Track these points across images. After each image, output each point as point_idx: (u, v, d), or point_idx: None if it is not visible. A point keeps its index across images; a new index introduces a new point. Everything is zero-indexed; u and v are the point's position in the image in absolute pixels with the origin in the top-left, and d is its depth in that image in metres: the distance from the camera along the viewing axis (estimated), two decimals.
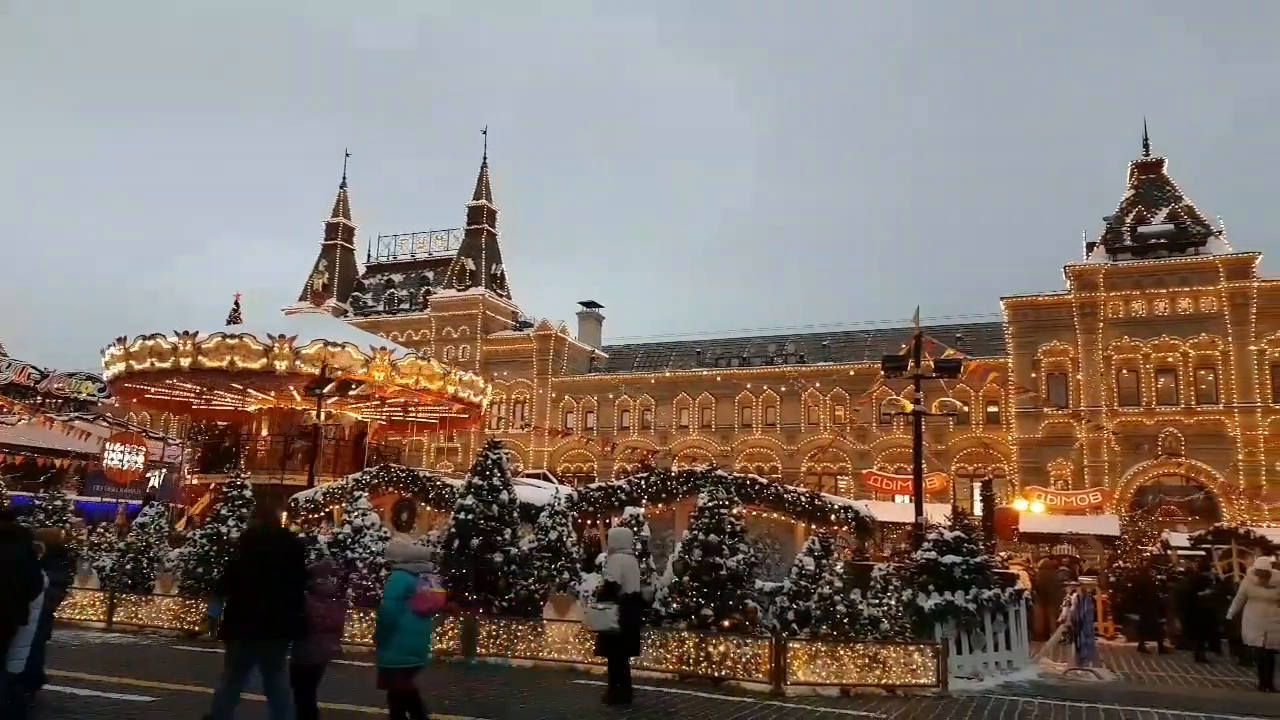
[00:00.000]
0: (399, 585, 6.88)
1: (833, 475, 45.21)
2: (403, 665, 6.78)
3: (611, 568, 9.93)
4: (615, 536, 10.47)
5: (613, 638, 9.51)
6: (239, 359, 24.26)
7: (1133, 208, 42.43)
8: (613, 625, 9.42)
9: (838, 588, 11.83)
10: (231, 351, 24.31)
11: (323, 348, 24.30)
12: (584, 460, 50.70)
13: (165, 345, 25.04)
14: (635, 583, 10.00)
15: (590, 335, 59.03)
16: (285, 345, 24.16)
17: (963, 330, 45.54)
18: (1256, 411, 37.49)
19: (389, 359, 25.61)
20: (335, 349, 24.45)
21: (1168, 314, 39.66)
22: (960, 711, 10.13)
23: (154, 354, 25.29)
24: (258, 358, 24.22)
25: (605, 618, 9.46)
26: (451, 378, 28.23)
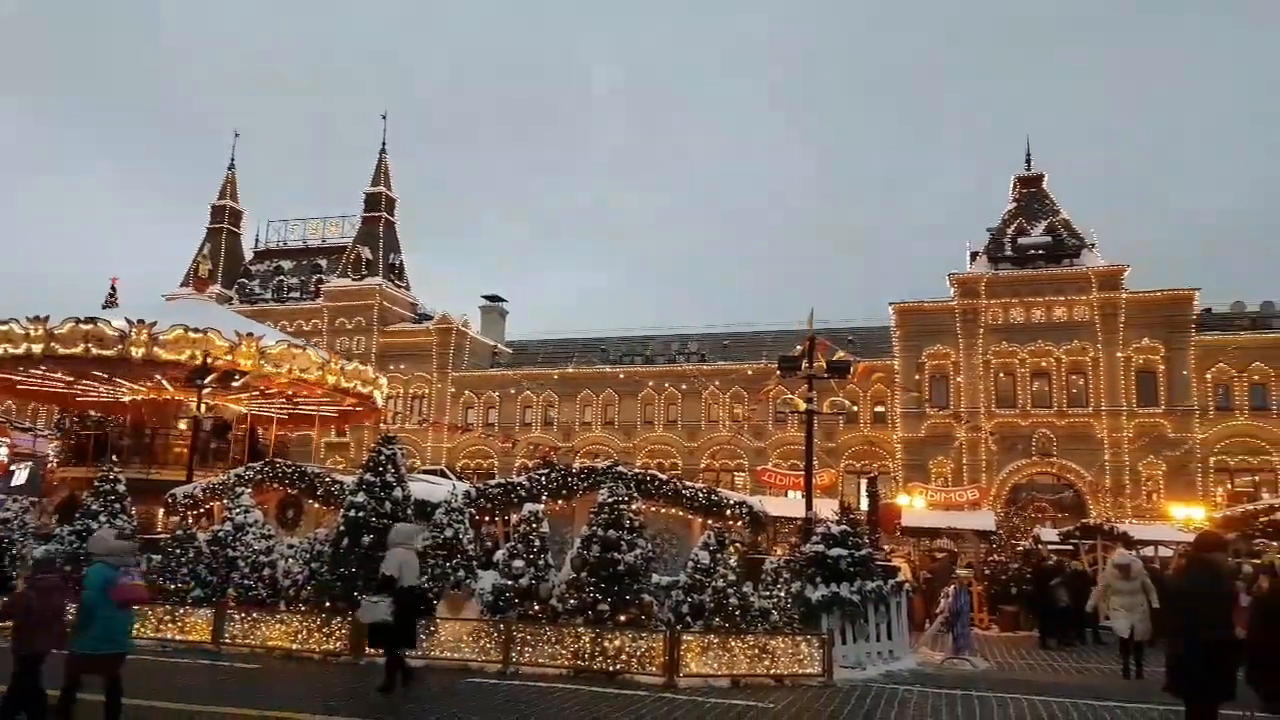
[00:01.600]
0: (99, 578, 7.44)
1: (730, 471, 46.07)
2: (99, 652, 7.30)
3: (389, 562, 10.26)
4: (397, 532, 10.83)
5: (384, 629, 9.91)
6: (94, 346, 22.96)
7: (1014, 220, 44.67)
8: (384, 618, 9.83)
9: (731, 580, 12.11)
10: (86, 339, 22.99)
11: (183, 334, 23.18)
12: (484, 456, 50.18)
13: (18, 331, 23.55)
14: (413, 577, 10.37)
15: (493, 330, 58.39)
16: (143, 331, 22.95)
17: (854, 333, 47.02)
18: (1122, 415, 40.02)
19: (256, 346, 24.45)
20: (196, 335, 23.32)
21: (1043, 321, 41.92)
22: (844, 700, 10.52)
23: (6, 340, 23.74)
24: (113, 344, 22.94)
25: (376, 610, 9.89)
26: (331, 367, 26.89)
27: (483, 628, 11.76)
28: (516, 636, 11.34)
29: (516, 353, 56.40)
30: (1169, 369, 39.87)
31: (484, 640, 11.62)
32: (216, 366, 23.20)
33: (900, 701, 10.67)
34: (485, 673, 11.27)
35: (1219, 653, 6.64)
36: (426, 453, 50.02)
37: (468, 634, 11.77)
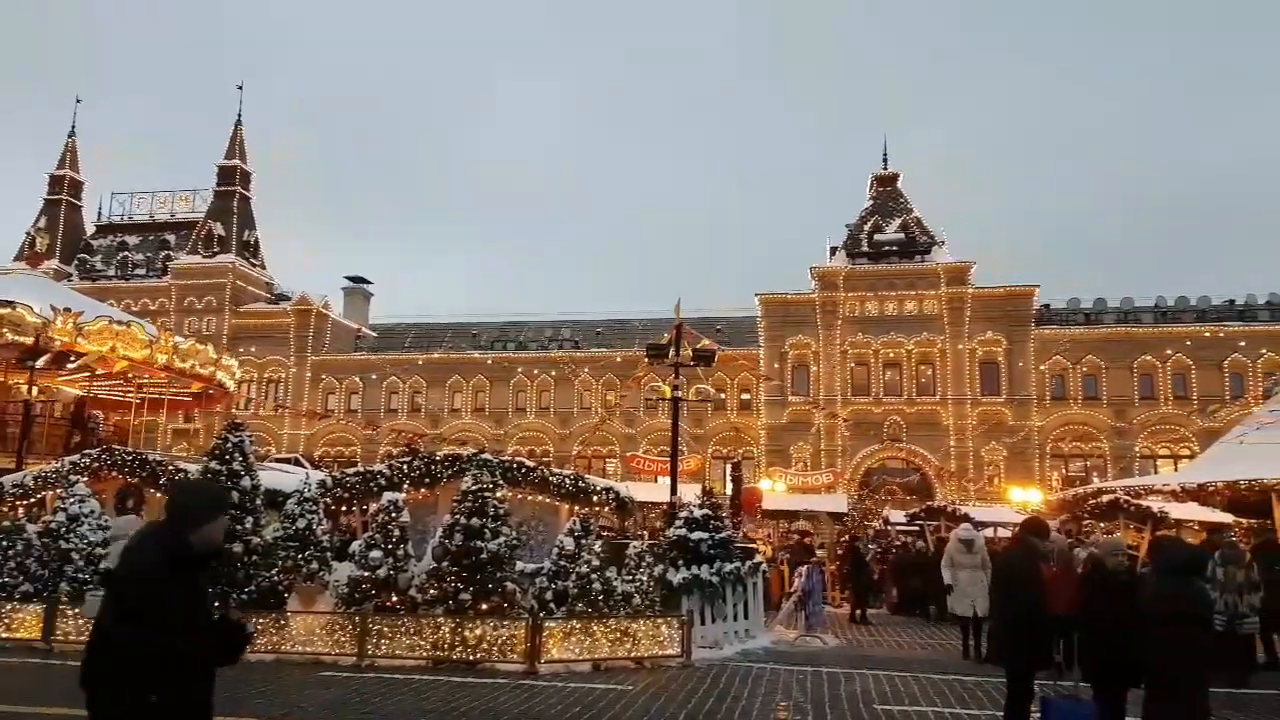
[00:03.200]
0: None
1: (602, 458, 46.34)
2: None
3: (112, 556, 10.15)
4: (119, 526, 10.55)
5: None
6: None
7: (871, 217, 46.68)
8: None
9: (595, 566, 12.18)
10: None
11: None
12: (346, 444, 48.55)
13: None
14: None
15: (357, 312, 56.43)
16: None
17: (723, 322, 48.12)
18: (966, 403, 42.56)
19: (73, 322, 22.49)
20: (2, 309, 21.35)
21: (896, 314, 44.05)
22: (700, 679, 10.81)
23: None
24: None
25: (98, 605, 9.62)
26: (161, 345, 24.77)
27: (337, 620, 11.43)
28: (373, 629, 11.07)
29: (382, 337, 54.73)
30: (1010, 361, 42.65)
31: (338, 633, 11.30)
32: (36, 346, 21.32)
33: (754, 678, 11.05)
34: (339, 666, 10.98)
35: (1031, 626, 7.18)
36: (284, 440, 47.96)
37: (321, 627, 11.42)
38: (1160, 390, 41.57)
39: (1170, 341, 41.76)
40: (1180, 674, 6.27)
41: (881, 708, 9.54)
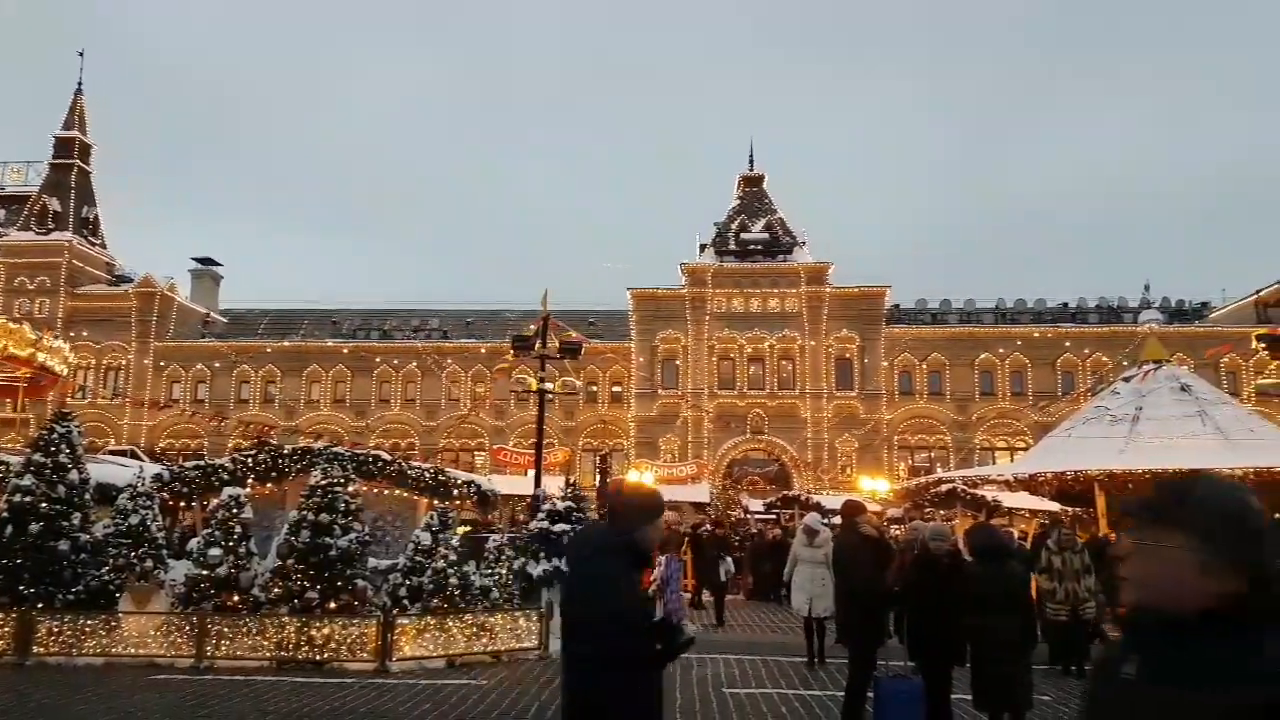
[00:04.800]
0: None
1: (470, 451, 45.66)
2: None
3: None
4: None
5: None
6: None
7: (738, 216, 47.88)
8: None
9: (452, 561, 12.03)
10: None
11: None
12: (192, 436, 45.89)
13: None
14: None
15: (205, 296, 53.36)
16: None
17: (596, 316, 48.29)
18: (823, 397, 44.30)
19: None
20: None
21: (760, 311, 45.38)
22: (557, 670, 10.78)
23: None
24: None
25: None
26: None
27: (173, 621, 10.85)
28: (212, 629, 10.57)
29: (233, 322, 52.00)
30: (862, 357, 44.67)
31: (175, 634, 10.73)
32: None
33: None
34: (176, 668, 10.44)
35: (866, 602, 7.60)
36: (124, 431, 44.98)
37: (156, 628, 10.81)
38: (999, 386, 44.52)
39: (1008, 341, 44.76)
40: (998, 653, 6.78)
41: (729, 691, 9.86)
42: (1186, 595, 1.50)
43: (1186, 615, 1.51)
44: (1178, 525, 1.56)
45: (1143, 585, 1.58)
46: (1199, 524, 1.54)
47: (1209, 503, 1.57)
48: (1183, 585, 1.52)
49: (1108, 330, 44.73)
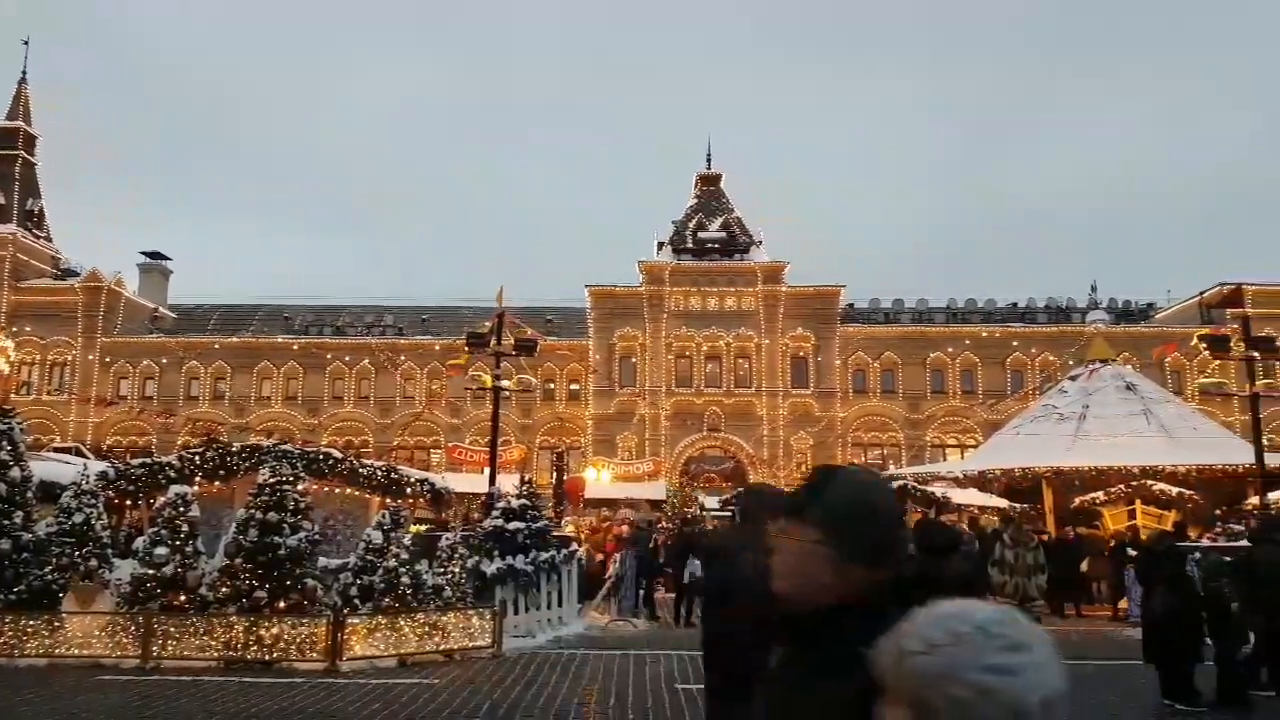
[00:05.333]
0: None
1: (426, 449, 45.26)
2: None
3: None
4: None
5: None
6: None
7: (695, 215, 48.10)
8: None
9: (404, 560, 11.99)
10: None
11: None
12: (140, 433, 44.87)
13: None
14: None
15: (154, 291, 52.09)
16: None
17: (554, 313, 48.18)
18: (779, 395, 44.70)
19: None
20: None
21: (717, 310, 45.63)
22: (509, 669, 10.90)
23: None
24: None
25: None
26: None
27: (118, 621, 10.68)
28: (158, 629, 10.42)
29: (182, 318, 50.91)
30: (817, 356, 45.17)
31: (120, 634, 10.57)
32: None
33: (563, 665, 11.26)
34: (121, 669, 10.30)
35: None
36: (69, 429, 43.84)
37: (100, 628, 10.64)
38: (950, 385, 45.29)
39: (959, 340, 45.55)
40: None
41: (682, 687, 9.97)
42: (819, 587, 1.54)
43: (820, 607, 1.55)
44: (811, 520, 1.61)
45: (784, 577, 1.63)
46: (828, 519, 1.59)
47: (839, 498, 1.62)
48: (815, 578, 1.57)
49: (1056, 330, 45.76)
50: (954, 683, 1.12)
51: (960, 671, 1.12)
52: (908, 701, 1.17)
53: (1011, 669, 1.11)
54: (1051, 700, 1.11)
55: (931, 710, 1.13)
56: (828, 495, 1.64)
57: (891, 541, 1.64)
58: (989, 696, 1.10)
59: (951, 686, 1.12)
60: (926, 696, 1.14)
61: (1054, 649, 1.18)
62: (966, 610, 1.19)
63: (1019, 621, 1.19)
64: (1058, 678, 1.14)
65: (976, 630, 1.15)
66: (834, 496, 1.63)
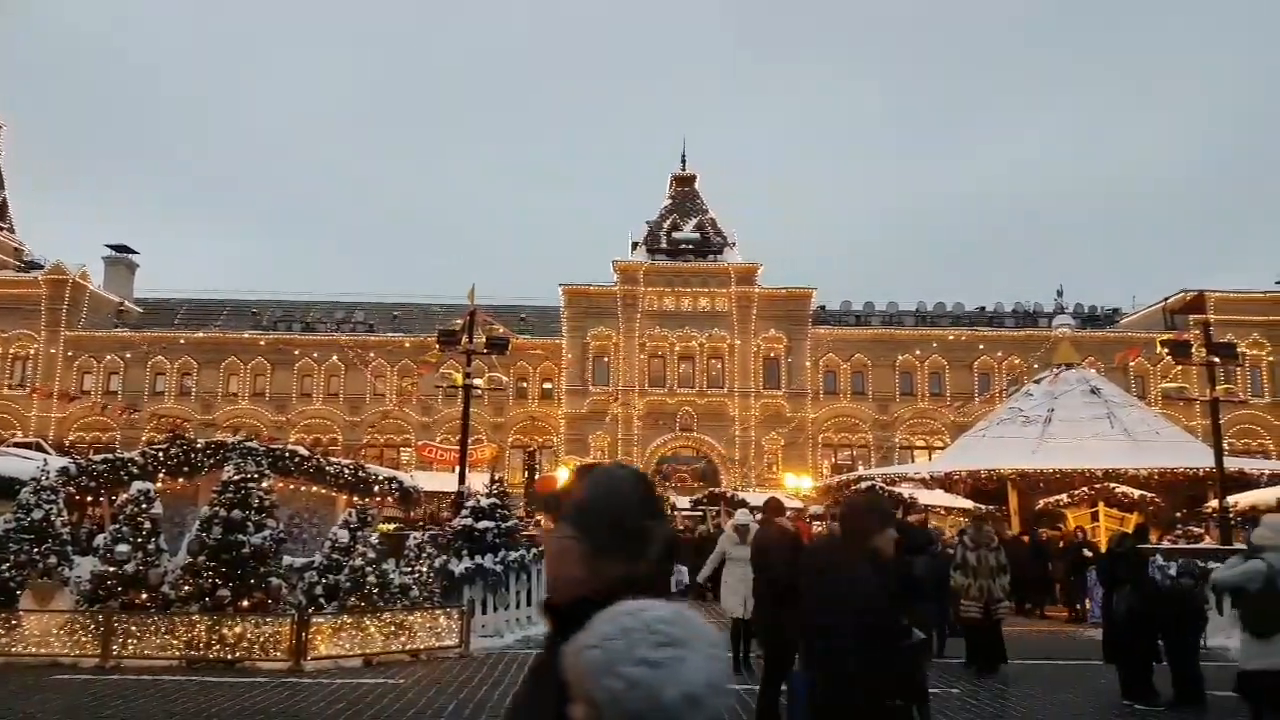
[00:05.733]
0: None
1: (395, 447, 44.93)
2: None
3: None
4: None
5: None
6: None
7: (670, 215, 48.16)
8: None
9: (370, 559, 11.88)
10: None
11: None
12: (104, 429, 44.16)
13: None
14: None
15: (120, 284, 51.27)
16: None
17: (528, 311, 48.04)
18: (751, 395, 44.87)
19: None
20: None
21: (691, 310, 45.72)
22: (476, 669, 10.84)
23: None
24: None
25: None
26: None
27: (77, 619, 10.50)
28: (118, 627, 10.26)
29: (149, 312, 50.15)
30: (789, 357, 45.40)
31: (79, 633, 10.39)
32: None
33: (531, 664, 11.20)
34: (80, 668, 10.13)
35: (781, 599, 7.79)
36: (31, 424, 43.04)
37: (59, 627, 10.45)
38: (918, 387, 45.72)
39: (928, 343, 45.99)
40: None
41: None
42: (573, 581, 1.58)
43: (575, 599, 1.57)
44: (565, 516, 1.66)
45: (549, 572, 1.69)
46: (579, 514, 1.64)
47: (592, 495, 1.67)
48: (569, 571, 1.61)
49: (1023, 334, 46.34)
50: (610, 675, 1.16)
51: (615, 665, 1.16)
52: (582, 696, 1.21)
53: (659, 663, 1.16)
54: (696, 695, 1.15)
55: (594, 703, 1.18)
56: (579, 491, 1.70)
57: (643, 535, 1.67)
58: (636, 689, 1.14)
59: (607, 679, 1.16)
60: (589, 689, 1.18)
61: (718, 650, 1.22)
62: (641, 608, 1.24)
63: (687, 621, 1.23)
64: (709, 675, 1.18)
65: (641, 627, 1.20)
66: (584, 492, 1.69)
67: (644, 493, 1.72)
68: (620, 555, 1.61)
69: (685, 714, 1.14)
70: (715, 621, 17.46)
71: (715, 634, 1.25)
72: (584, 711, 1.21)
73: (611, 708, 1.16)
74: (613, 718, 1.15)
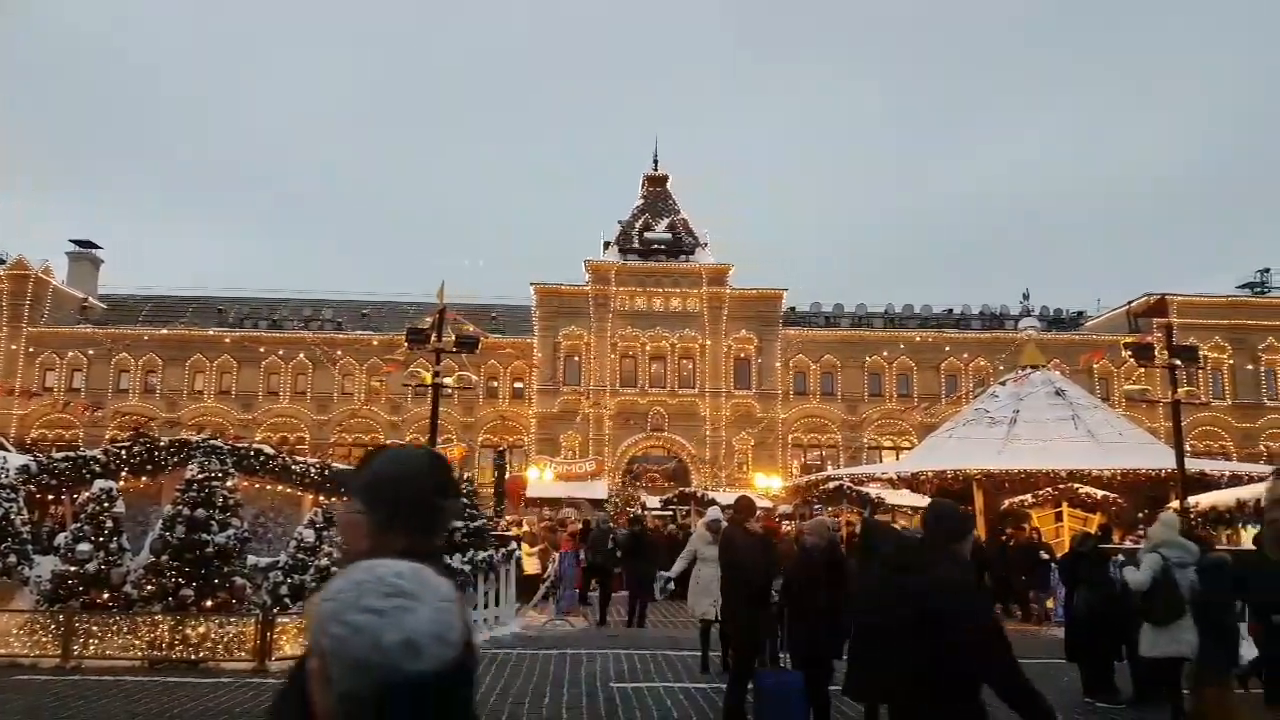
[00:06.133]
0: None
1: (364, 446, 44.50)
2: None
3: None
4: None
5: None
6: None
7: (642, 215, 48.20)
8: None
9: (337, 559, 11.80)
10: None
11: None
12: (67, 427, 43.38)
13: None
14: None
15: (84, 280, 50.38)
16: None
17: (499, 310, 47.86)
18: (722, 395, 45.04)
19: None
20: None
21: (662, 310, 45.80)
22: None
23: None
24: None
25: None
26: None
27: (38, 619, 10.34)
28: (79, 628, 10.11)
29: (113, 309, 49.34)
30: (759, 358, 45.63)
31: (39, 633, 10.23)
32: None
33: (499, 664, 11.21)
34: (39, 668, 9.97)
35: (747, 599, 7.85)
36: None
37: (19, 627, 10.28)
38: (887, 388, 46.15)
39: (896, 345, 46.45)
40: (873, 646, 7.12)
41: (617, 685, 10.01)
42: (361, 554, 1.62)
43: None
44: (354, 493, 1.76)
45: (341, 546, 1.78)
46: (366, 490, 1.74)
47: (376, 473, 1.76)
48: (357, 545, 1.70)
49: (989, 336, 46.93)
50: (335, 623, 1.19)
51: (342, 613, 1.20)
52: (313, 647, 1.24)
53: (381, 610, 1.19)
54: (417, 643, 1.18)
55: (322, 652, 1.21)
56: (368, 469, 1.78)
57: (429, 510, 1.77)
58: (359, 634, 1.18)
59: (333, 626, 1.19)
60: (319, 639, 1.21)
61: (449, 606, 1.24)
62: (377, 564, 1.28)
63: (422, 577, 1.26)
64: (435, 627, 1.21)
65: (373, 579, 1.23)
66: (374, 470, 1.77)
67: (436, 472, 1.81)
68: (405, 530, 1.69)
69: (403, 659, 1.17)
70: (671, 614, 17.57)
71: (450, 591, 1.27)
72: (315, 663, 1.23)
73: (336, 654, 1.18)
74: (337, 664, 1.18)
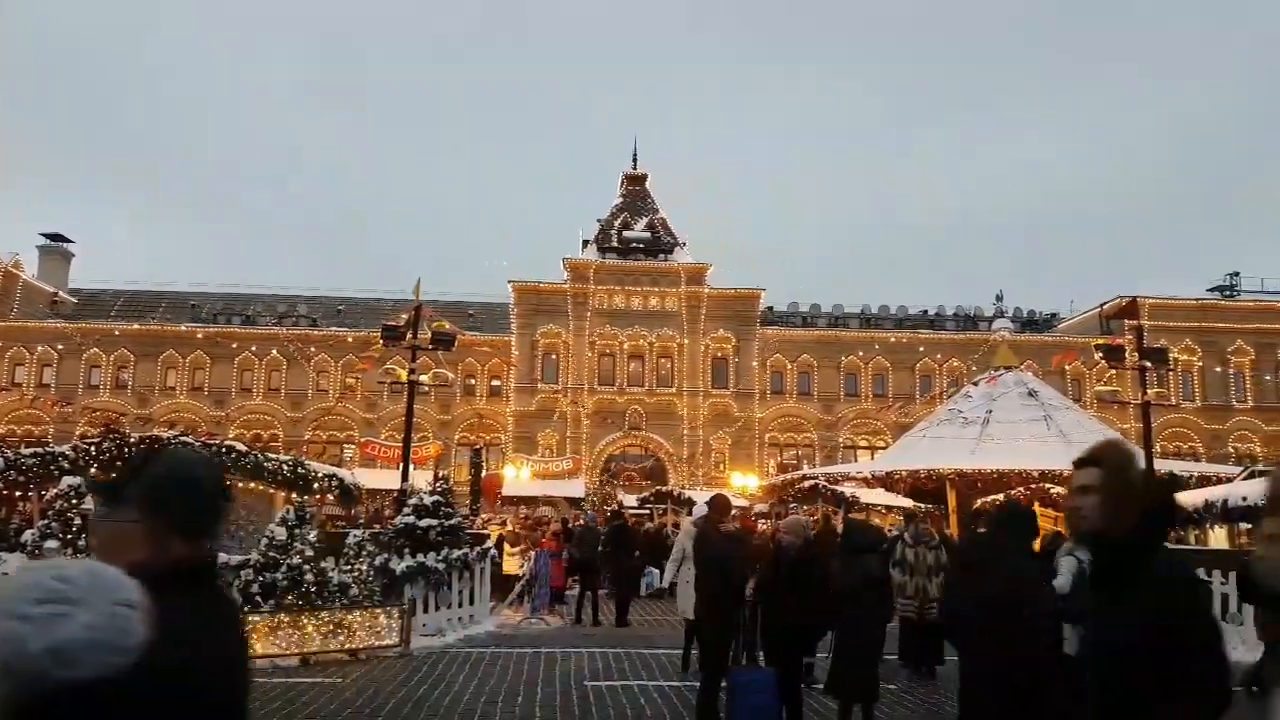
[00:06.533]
0: None
1: (339, 444, 44.24)
2: None
3: None
4: None
5: None
6: None
7: (621, 214, 48.20)
8: None
9: (309, 557, 11.71)
10: None
11: None
12: (36, 423, 42.75)
13: None
14: None
15: (55, 275, 49.67)
16: None
17: (476, 307, 47.66)
18: (699, 394, 45.14)
19: None
20: None
21: (641, 309, 45.82)
22: (416, 668, 10.76)
23: None
24: None
25: None
26: None
27: None
28: None
29: (84, 304, 48.69)
30: (737, 357, 45.76)
31: None
32: None
33: (472, 663, 11.17)
34: None
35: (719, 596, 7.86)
36: None
37: None
38: (862, 388, 46.46)
39: (872, 345, 46.77)
40: (859, 639, 7.24)
41: (591, 684, 10.01)
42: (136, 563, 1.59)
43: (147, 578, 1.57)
44: (128, 500, 1.74)
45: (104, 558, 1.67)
46: (144, 497, 1.72)
47: (153, 477, 1.76)
48: (130, 554, 1.65)
49: (963, 337, 47.36)
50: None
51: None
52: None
53: (29, 618, 1.19)
54: (66, 652, 1.17)
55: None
56: (145, 475, 1.76)
57: (207, 513, 1.78)
58: (4, 643, 1.18)
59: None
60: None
61: (120, 611, 1.23)
62: (47, 566, 1.27)
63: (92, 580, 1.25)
64: (93, 635, 1.20)
65: (33, 584, 1.23)
66: (149, 476, 1.76)
67: (215, 475, 1.83)
68: (185, 536, 1.70)
69: (51, 668, 1.16)
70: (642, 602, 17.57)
71: (125, 594, 1.25)
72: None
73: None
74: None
